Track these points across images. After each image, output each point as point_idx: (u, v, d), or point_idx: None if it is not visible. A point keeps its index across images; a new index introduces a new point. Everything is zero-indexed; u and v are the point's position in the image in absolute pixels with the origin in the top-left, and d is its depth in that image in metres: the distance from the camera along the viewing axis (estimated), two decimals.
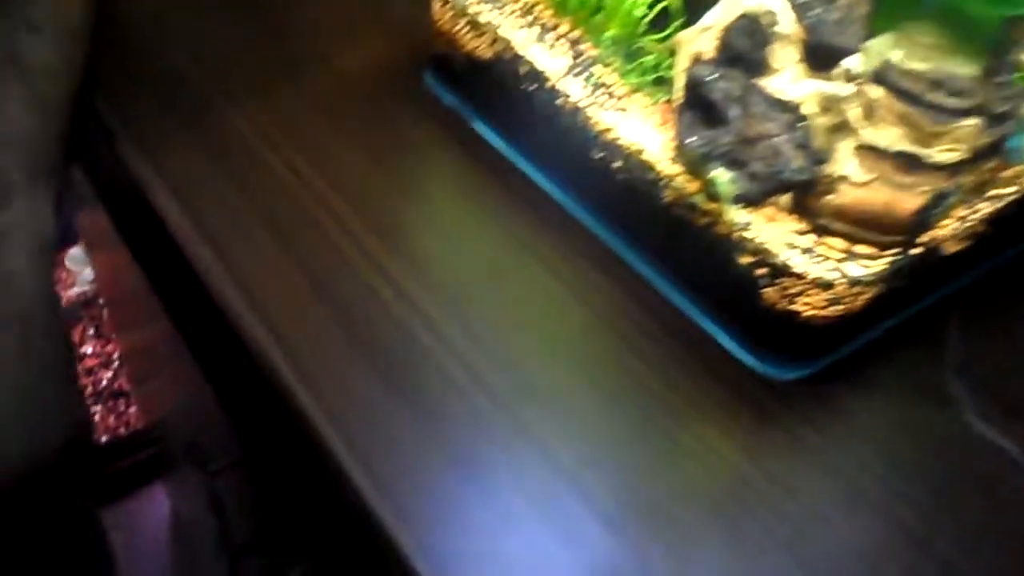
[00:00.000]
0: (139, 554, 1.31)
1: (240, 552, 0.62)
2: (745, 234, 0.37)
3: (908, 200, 0.35)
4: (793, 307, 0.37)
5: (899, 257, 0.36)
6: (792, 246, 0.37)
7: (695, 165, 0.39)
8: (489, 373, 0.39)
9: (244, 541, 0.62)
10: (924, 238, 0.37)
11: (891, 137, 0.34)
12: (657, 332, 0.42)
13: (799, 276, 0.36)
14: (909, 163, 0.34)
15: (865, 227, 0.36)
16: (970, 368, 0.41)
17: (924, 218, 0.35)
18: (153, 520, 1.34)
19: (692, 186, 0.39)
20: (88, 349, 1.39)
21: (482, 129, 0.51)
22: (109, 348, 1.39)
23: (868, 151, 0.35)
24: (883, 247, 0.37)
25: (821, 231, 0.37)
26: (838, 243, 0.37)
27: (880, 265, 0.36)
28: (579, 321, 0.42)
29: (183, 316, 0.64)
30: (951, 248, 0.39)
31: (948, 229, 0.38)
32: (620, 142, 0.42)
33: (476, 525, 0.35)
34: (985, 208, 0.39)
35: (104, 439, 1.32)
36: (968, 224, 0.39)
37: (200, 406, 0.68)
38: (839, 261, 0.37)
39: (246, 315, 0.42)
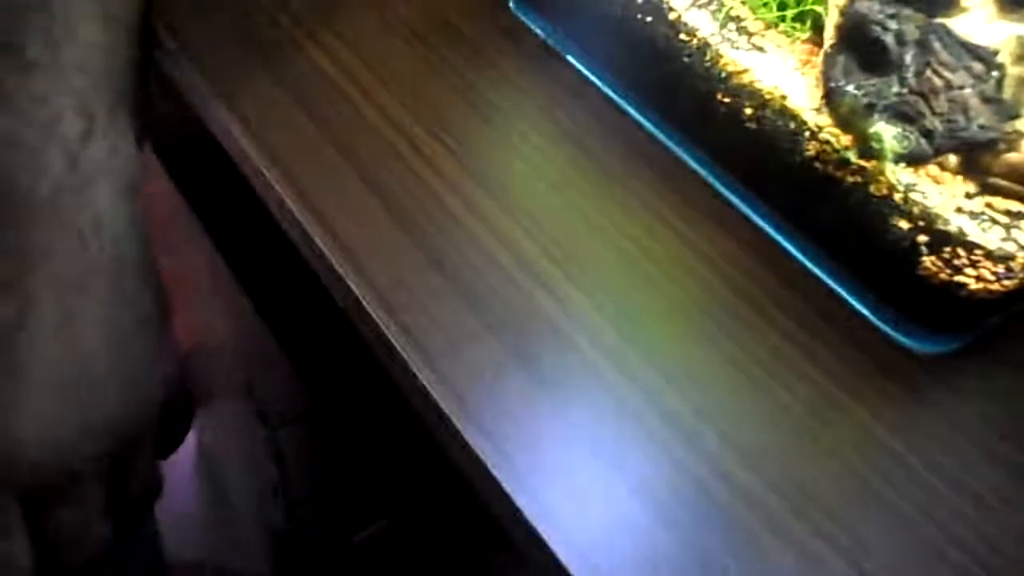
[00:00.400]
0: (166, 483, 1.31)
1: (299, 504, 0.61)
2: (910, 196, 0.34)
3: None
4: (958, 278, 0.34)
5: None
6: (961, 211, 0.33)
7: (852, 117, 0.34)
8: (599, 323, 0.36)
9: (303, 495, 0.60)
10: None
11: None
12: (790, 299, 0.38)
13: (973, 246, 0.33)
14: None
15: None
16: None
17: None
18: (181, 450, 1.33)
19: (843, 140, 0.35)
20: None
21: (579, 64, 0.46)
22: None
23: None
24: None
25: (993, 192, 0.33)
26: (1013, 206, 0.33)
27: None
28: (699, 282, 0.39)
29: (229, 244, 0.61)
30: None
31: None
32: (755, 86, 0.38)
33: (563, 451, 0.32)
34: None
35: None
36: None
37: (240, 342, 0.65)
38: (1011, 229, 0.33)
39: (318, 233, 0.38)
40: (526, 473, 0.32)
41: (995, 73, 0.31)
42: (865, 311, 0.38)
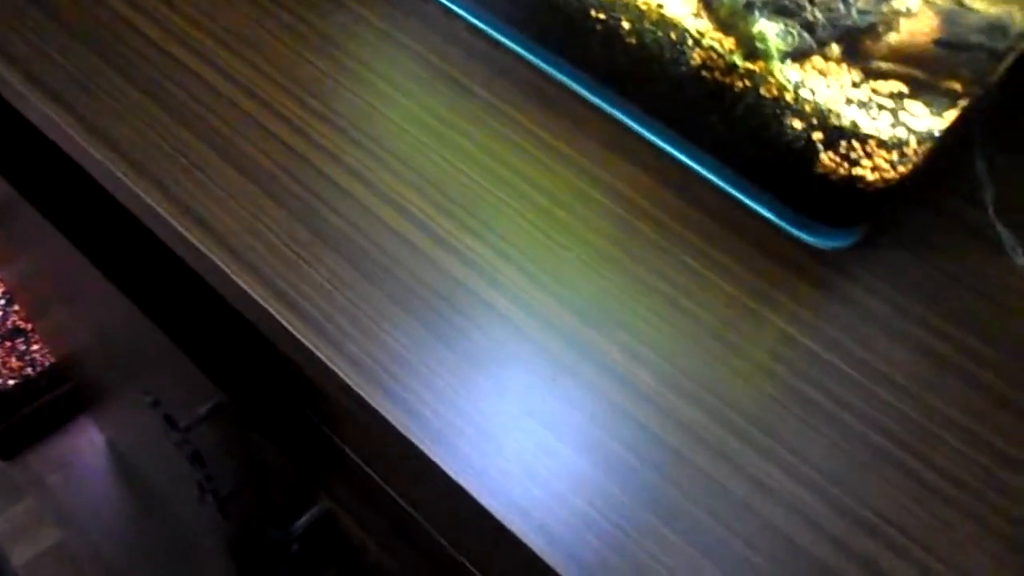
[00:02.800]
0: (81, 490, 1.25)
1: (229, 498, 0.58)
2: (800, 94, 0.33)
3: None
4: (855, 171, 0.34)
5: (969, 101, 0.33)
6: (851, 102, 0.33)
7: (732, 18, 0.33)
8: (508, 272, 0.35)
9: (231, 488, 0.57)
10: (993, 76, 0.33)
11: None
12: (693, 215, 0.38)
13: (867, 137, 0.32)
14: None
15: (930, 70, 0.32)
16: (1008, 206, 0.39)
17: (1001, 53, 0.31)
18: (88, 452, 1.27)
19: (727, 43, 0.34)
20: None
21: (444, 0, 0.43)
22: None
23: None
24: (949, 92, 0.33)
25: (877, 76, 0.33)
26: (894, 87, 0.33)
27: (953, 111, 0.32)
28: (601, 212, 0.37)
29: (90, 240, 0.55)
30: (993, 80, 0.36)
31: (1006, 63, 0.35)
32: None
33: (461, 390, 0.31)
34: None
35: (12, 383, 1.21)
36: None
37: (147, 348, 0.60)
38: (898, 114, 0.33)
39: (193, 231, 0.35)
40: (466, 452, 0.31)
41: None
42: (769, 215, 0.38)
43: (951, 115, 0.32)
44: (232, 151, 0.38)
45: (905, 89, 0.33)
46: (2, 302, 1.23)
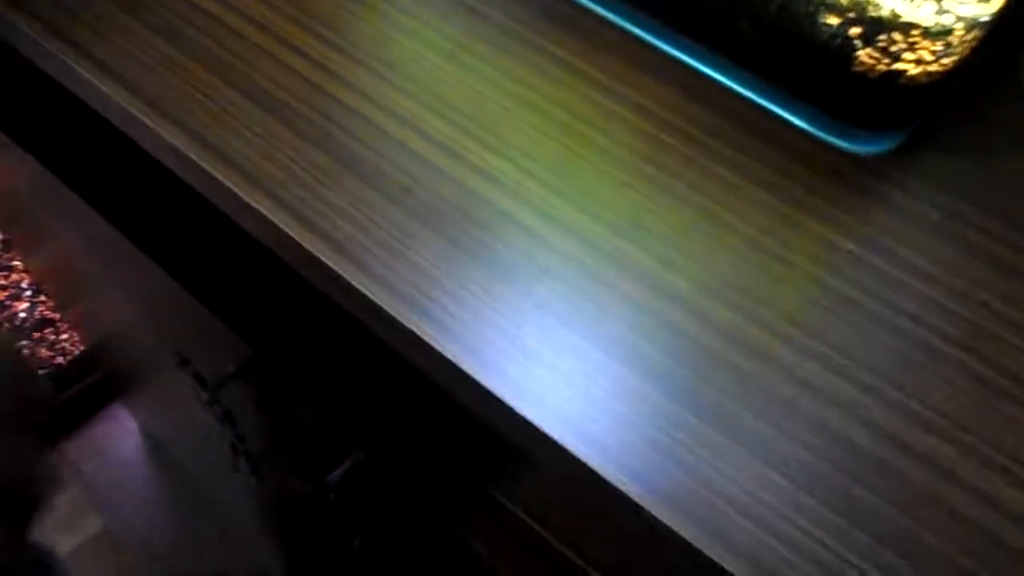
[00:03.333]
0: (114, 478, 1.26)
1: (263, 458, 0.58)
2: None
3: None
4: (896, 66, 0.32)
5: None
6: None
7: None
8: (536, 191, 0.33)
9: (263, 447, 0.57)
10: None
11: None
12: (724, 127, 0.36)
13: (909, 27, 0.31)
14: None
15: None
16: None
17: None
18: (122, 440, 1.28)
19: None
20: None
21: None
22: (14, 278, 1.25)
23: None
24: None
25: None
26: None
27: None
28: (629, 128, 0.36)
29: (120, 215, 0.55)
30: None
31: None
32: None
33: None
34: None
35: (43, 372, 1.22)
36: None
37: (171, 310, 0.60)
38: (943, 1, 0.31)
39: (221, 171, 0.34)
40: (501, 364, 0.30)
41: None
42: (804, 125, 0.36)
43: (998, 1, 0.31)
44: (247, 85, 0.37)
45: None
46: (29, 293, 1.24)
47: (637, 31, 0.39)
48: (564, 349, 0.30)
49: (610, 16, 0.39)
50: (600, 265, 0.32)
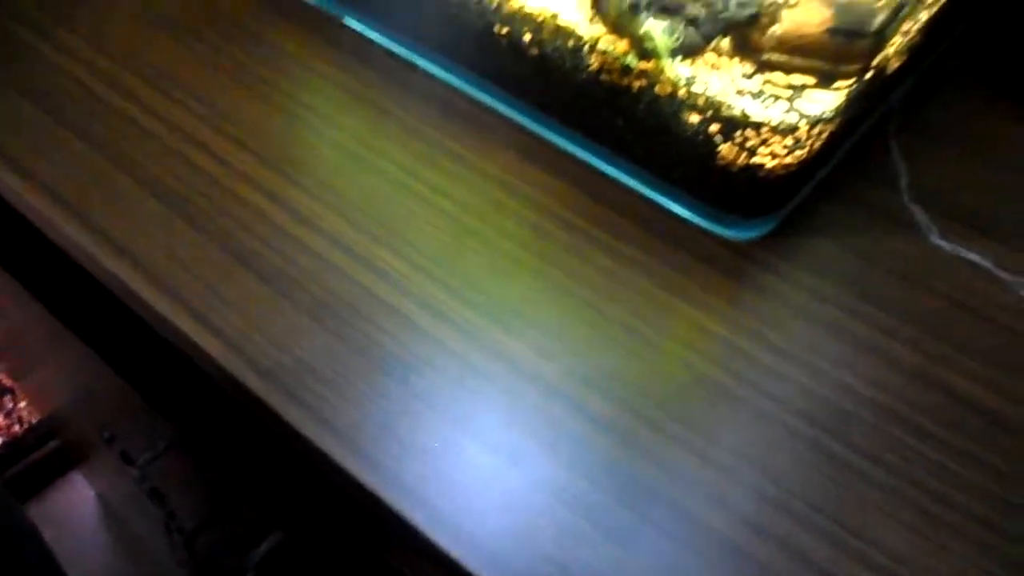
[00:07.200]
0: (73, 544, 1.24)
1: (194, 534, 0.58)
2: (692, 89, 0.34)
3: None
4: (753, 160, 0.34)
5: (855, 84, 0.34)
6: (742, 92, 0.34)
7: (621, 19, 0.34)
8: (433, 291, 0.35)
9: (195, 524, 0.57)
10: (876, 58, 0.34)
11: None
12: (604, 215, 0.38)
13: (760, 125, 0.33)
14: None
15: (816, 57, 0.33)
16: (922, 189, 0.40)
17: (883, 35, 0.32)
18: (79, 508, 1.26)
19: (620, 46, 0.35)
20: None
21: (357, 24, 0.44)
22: None
23: None
24: (834, 76, 0.34)
25: (770, 69, 0.34)
26: (786, 79, 0.34)
27: (839, 97, 0.33)
28: (519, 221, 0.38)
29: (55, 297, 0.56)
30: (893, 65, 0.37)
31: (894, 45, 0.35)
32: (526, 10, 0.37)
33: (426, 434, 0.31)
34: (923, 16, 0.36)
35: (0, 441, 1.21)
36: (908, 36, 0.36)
37: (103, 389, 0.61)
38: (793, 100, 0.33)
39: (124, 271, 0.35)
40: (376, 456, 0.31)
41: None
42: (680, 210, 0.38)
43: (839, 98, 0.33)
44: (147, 177, 0.38)
45: (795, 78, 0.34)
46: None
47: (527, 123, 0.41)
48: (440, 440, 0.31)
49: (502, 109, 0.41)
50: (480, 356, 0.33)
